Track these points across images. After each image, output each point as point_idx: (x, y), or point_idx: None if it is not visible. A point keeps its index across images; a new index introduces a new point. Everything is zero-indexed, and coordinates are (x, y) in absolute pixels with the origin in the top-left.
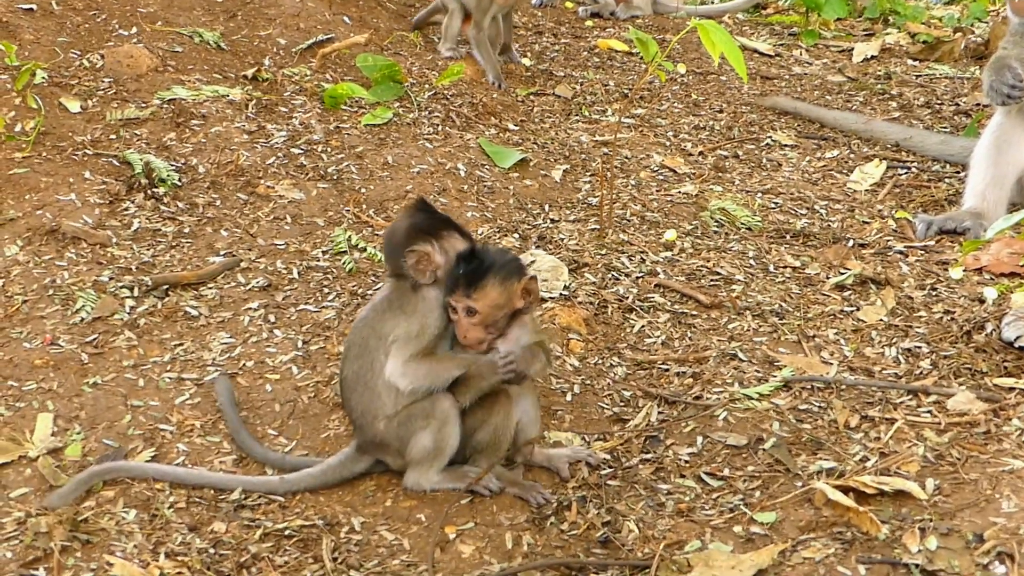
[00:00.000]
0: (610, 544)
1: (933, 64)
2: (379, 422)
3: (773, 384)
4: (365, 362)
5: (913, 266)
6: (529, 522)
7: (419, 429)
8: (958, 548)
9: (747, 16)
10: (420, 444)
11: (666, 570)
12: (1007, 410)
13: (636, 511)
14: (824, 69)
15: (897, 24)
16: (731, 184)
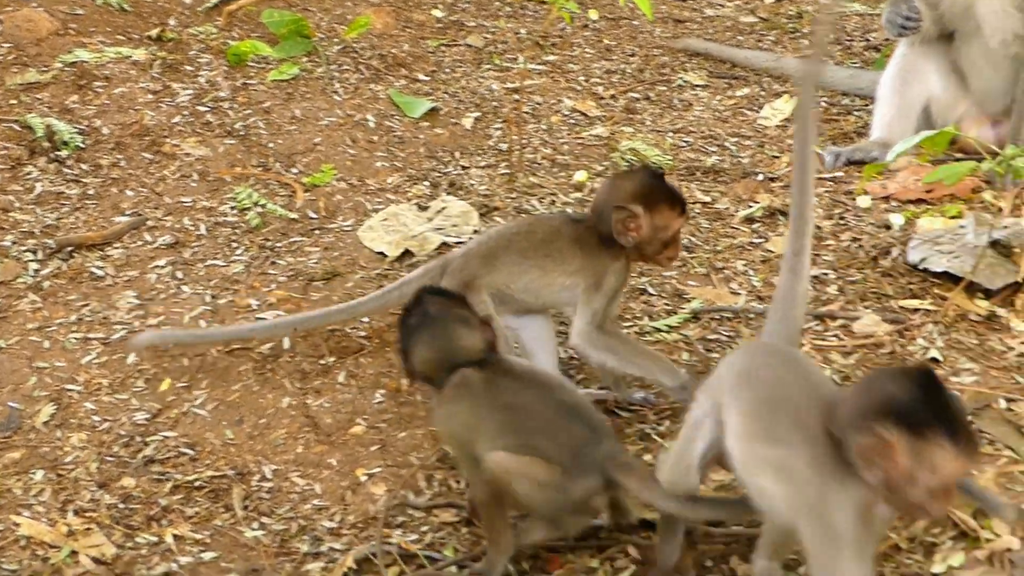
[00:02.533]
0: None
1: (844, 2)
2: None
3: (682, 316)
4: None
5: (822, 197)
6: (441, 461)
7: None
8: None
9: None
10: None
11: None
12: (911, 331)
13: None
14: (736, 10)
15: None
16: (642, 125)
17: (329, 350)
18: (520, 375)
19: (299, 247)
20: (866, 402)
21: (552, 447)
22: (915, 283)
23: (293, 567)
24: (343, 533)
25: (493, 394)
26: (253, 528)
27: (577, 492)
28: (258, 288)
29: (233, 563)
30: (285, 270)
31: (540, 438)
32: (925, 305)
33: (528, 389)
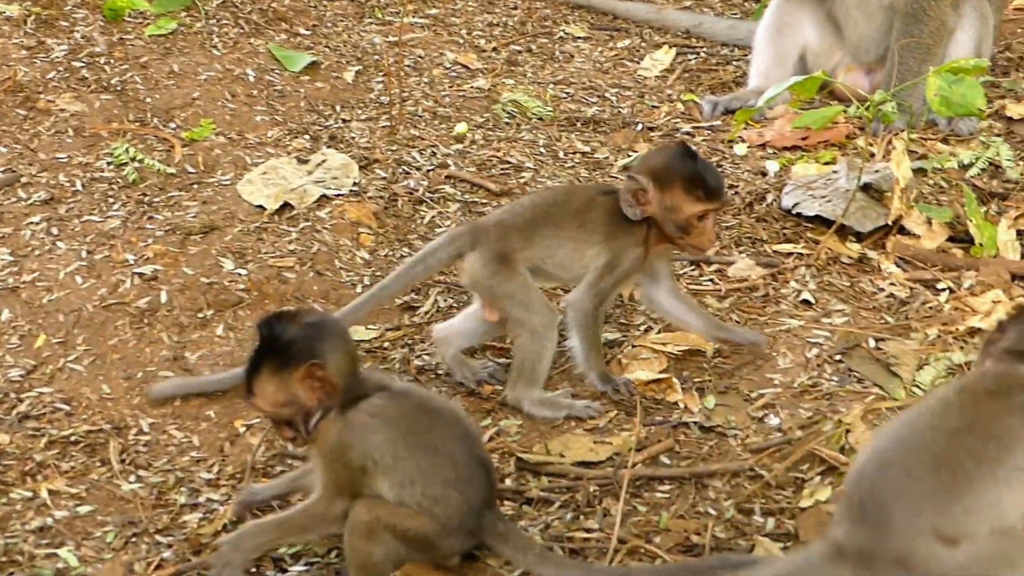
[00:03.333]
0: None
1: None
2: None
3: None
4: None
5: (700, 145)
6: None
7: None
8: (735, 404)
9: None
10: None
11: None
12: (785, 273)
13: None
14: None
15: None
16: (524, 77)
17: (207, 303)
18: (447, 416)
19: (177, 202)
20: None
21: (454, 503)
22: (789, 228)
23: (170, 518)
24: (221, 484)
25: (414, 432)
26: (130, 481)
27: (444, 549)
28: (135, 243)
29: (110, 516)
30: (162, 225)
31: (451, 492)
32: (798, 249)
33: (445, 428)
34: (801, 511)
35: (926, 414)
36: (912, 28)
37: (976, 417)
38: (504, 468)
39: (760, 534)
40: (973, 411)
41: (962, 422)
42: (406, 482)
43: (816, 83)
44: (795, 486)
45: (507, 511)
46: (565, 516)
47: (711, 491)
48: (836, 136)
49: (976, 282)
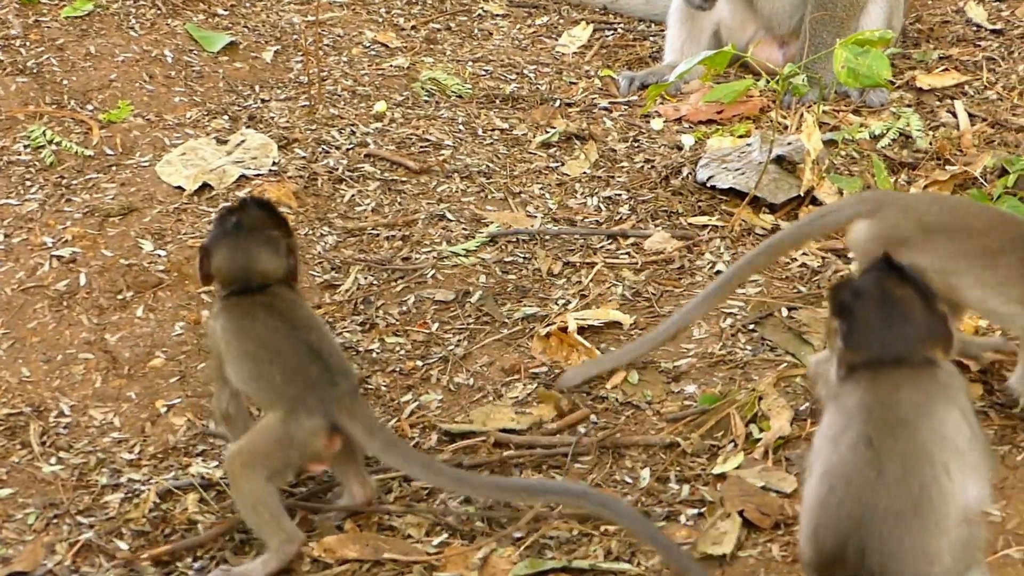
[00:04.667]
0: None
1: None
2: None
3: (479, 240)
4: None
5: (617, 120)
6: None
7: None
8: (651, 375)
9: None
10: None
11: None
12: (700, 246)
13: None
14: None
15: None
16: (443, 55)
17: (127, 285)
18: (282, 311)
19: (95, 184)
20: None
21: (281, 383)
22: (704, 200)
23: (92, 499)
24: (143, 464)
25: (247, 323)
26: (51, 463)
27: (299, 433)
28: (53, 226)
29: (31, 498)
30: (81, 207)
31: (274, 372)
32: (713, 221)
33: (281, 325)
34: (715, 478)
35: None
36: (825, 1)
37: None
38: (425, 443)
39: (676, 502)
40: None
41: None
42: (235, 363)
43: (726, 57)
44: (709, 454)
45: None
46: None
47: (628, 460)
48: (750, 110)
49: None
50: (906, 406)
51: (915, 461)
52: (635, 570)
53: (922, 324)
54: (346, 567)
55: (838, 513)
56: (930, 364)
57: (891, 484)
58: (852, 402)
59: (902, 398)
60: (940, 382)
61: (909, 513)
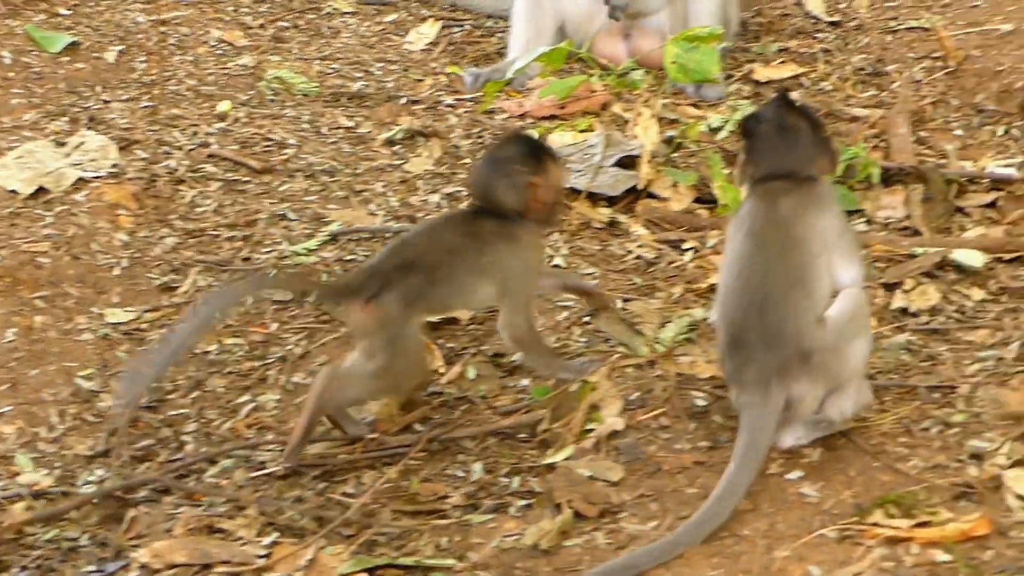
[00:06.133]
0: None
1: None
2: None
3: (320, 239)
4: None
5: (462, 117)
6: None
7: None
8: (487, 369)
9: None
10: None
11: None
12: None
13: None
14: None
15: None
16: (289, 53)
17: None
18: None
19: None
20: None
21: None
22: None
23: None
24: None
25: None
26: None
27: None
28: None
29: None
30: None
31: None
32: None
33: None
34: (546, 469)
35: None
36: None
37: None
38: (263, 444)
39: (506, 493)
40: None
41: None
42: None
43: (563, 54)
44: (541, 446)
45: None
46: (317, 486)
47: (461, 455)
48: (593, 104)
49: (719, 241)
50: (784, 208)
51: (792, 244)
52: (461, 565)
53: (809, 147)
54: (175, 571)
55: (738, 288)
56: (812, 180)
57: (774, 259)
58: (747, 207)
59: (782, 202)
60: (817, 193)
61: (791, 282)
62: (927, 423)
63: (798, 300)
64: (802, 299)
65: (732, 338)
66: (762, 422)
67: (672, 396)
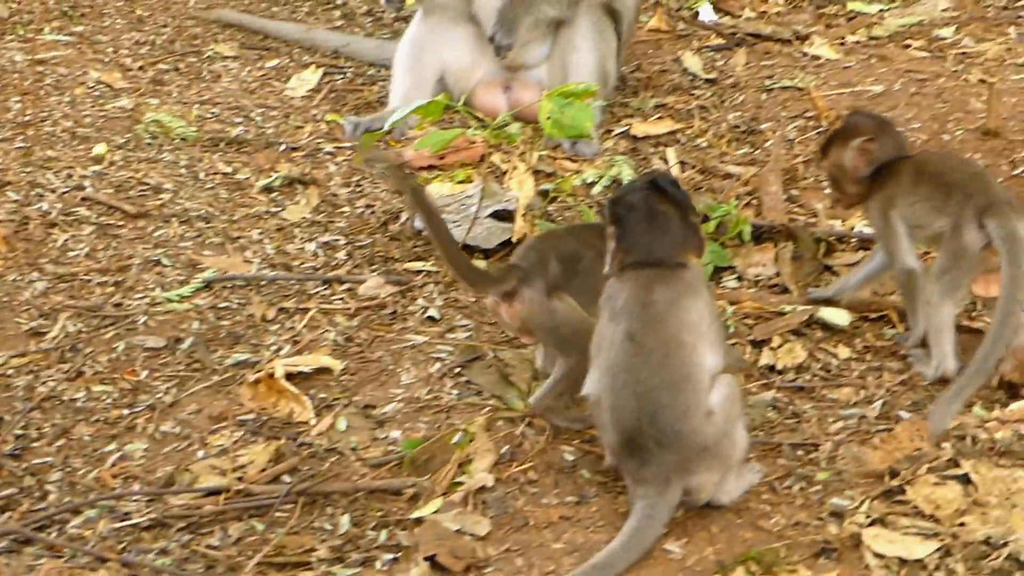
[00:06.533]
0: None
1: None
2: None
3: (194, 286)
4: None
5: (341, 165)
6: None
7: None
8: (358, 421)
9: None
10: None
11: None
12: (414, 291)
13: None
14: None
15: None
16: (169, 96)
17: None
18: None
19: None
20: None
21: None
22: (420, 246)
23: None
24: None
25: None
26: None
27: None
28: None
29: None
30: None
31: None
32: (428, 267)
33: None
34: (413, 523)
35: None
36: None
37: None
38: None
39: (373, 547)
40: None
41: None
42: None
43: (440, 106)
44: (410, 499)
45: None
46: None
47: (329, 507)
48: (472, 156)
49: None
50: (659, 305)
51: (671, 347)
52: None
53: (678, 234)
54: None
55: (625, 394)
56: (682, 266)
57: (658, 367)
58: (619, 304)
59: (656, 297)
60: (687, 281)
61: (678, 383)
62: (790, 480)
63: (687, 400)
64: (691, 398)
65: (626, 440)
66: (657, 513)
67: (542, 450)
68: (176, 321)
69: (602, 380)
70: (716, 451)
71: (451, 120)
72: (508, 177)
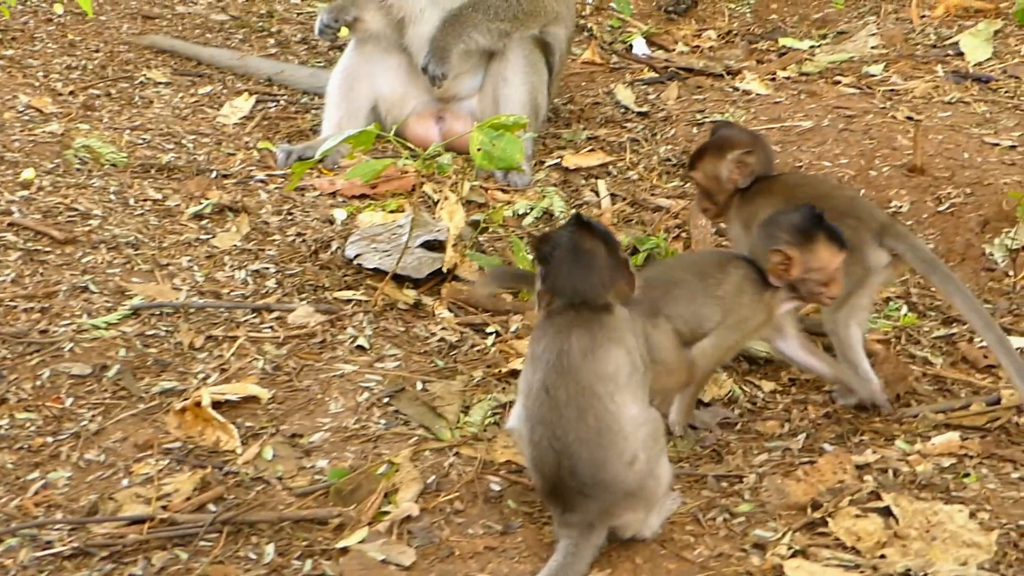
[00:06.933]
0: None
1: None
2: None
3: (122, 313)
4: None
5: (272, 193)
6: None
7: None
8: (285, 450)
9: None
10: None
11: None
12: (343, 320)
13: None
14: (208, 8)
15: None
16: (100, 122)
17: None
18: None
19: None
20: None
21: None
22: (350, 275)
23: None
24: None
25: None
26: None
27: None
28: None
29: None
30: None
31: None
32: (358, 296)
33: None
34: (339, 552)
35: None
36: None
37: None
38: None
39: None
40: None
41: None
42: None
43: (371, 136)
44: (336, 528)
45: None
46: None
47: (254, 536)
48: (403, 186)
49: (522, 326)
50: (575, 353)
51: (584, 400)
52: None
53: (605, 272)
54: None
55: (543, 447)
56: (608, 307)
57: (573, 422)
58: (539, 349)
59: (572, 346)
60: (608, 327)
61: (594, 437)
62: (714, 512)
63: (606, 454)
64: (610, 451)
65: (549, 488)
66: (581, 553)
67: (469, 480)
68: (103, 348)
69: (524, 424)
70: (641, 493)
71: (383, 149)
72: (439, 207)
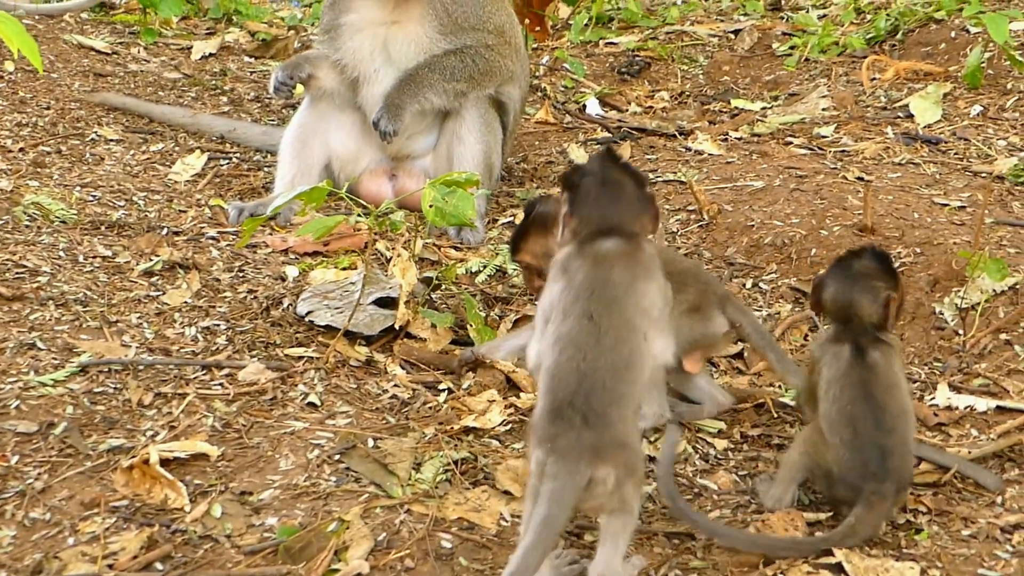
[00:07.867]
0: None
1: (268, 60)
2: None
3: (69, 370)
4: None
5: (224, 250)
6: None
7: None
8: (234, 507)
9: (91, 15)
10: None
11: None
12: (294, 377)
13: None
14: (161, 66)
15: (239, 23)
16: (50, 179)
17: None
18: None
19: None
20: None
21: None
22: (302, 332)
23: None
24: None
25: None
26: None
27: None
28: None
29: None
30: None
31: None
32: (309, 352)
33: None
34: None
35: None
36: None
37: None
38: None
39: None
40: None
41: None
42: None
43: (323, 193)
44: None
45: None
46: None
47: None
48: (356, 243)
49: (474, 383)
50: (617, 286)
51: (624, 331)
52: None
53: (633, 203)
54: None
55: (568, 367)
56: (636, 237)
57: (608, 349)
58: (579, 279)
59: (614, 278)
60: (643, 263)
61: (621, 369)
62: (665, 569)
63: (625, 389)
64: (629, 387)
65: (555, 406)
66: (564, 496)
67: (420, 538)
68: (49, 405)
69: (553, 346)
70: (626, 451)
71: (336, 207)
72: (392, 264)
